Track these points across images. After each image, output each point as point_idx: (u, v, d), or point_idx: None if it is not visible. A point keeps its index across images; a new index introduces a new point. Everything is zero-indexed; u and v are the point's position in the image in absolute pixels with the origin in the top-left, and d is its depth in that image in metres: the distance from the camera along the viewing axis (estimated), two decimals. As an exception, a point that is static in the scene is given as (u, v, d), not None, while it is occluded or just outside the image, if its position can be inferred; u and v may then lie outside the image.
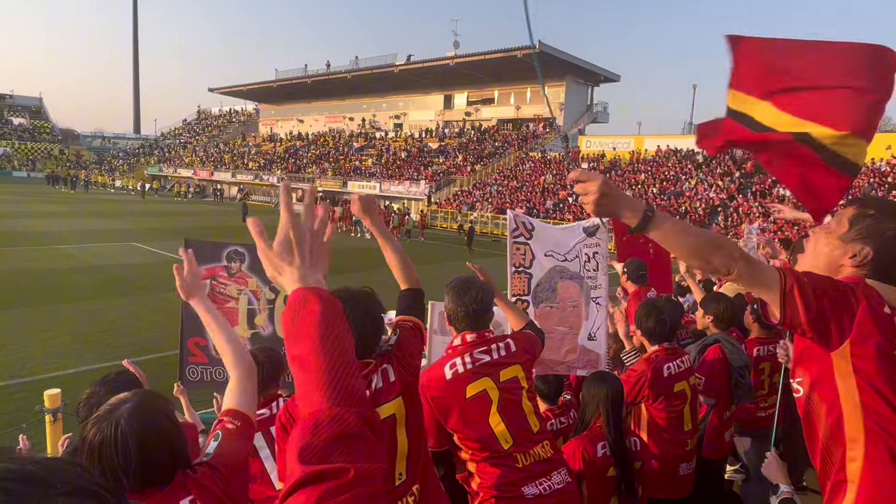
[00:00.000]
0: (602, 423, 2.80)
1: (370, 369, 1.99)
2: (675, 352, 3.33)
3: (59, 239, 21.84)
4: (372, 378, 1.97)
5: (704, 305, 3.93)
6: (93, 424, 1.44)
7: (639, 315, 3.36)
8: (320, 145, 56.92)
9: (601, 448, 2.74)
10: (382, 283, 2.50)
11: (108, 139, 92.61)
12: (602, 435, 2.78)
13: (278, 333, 4.37)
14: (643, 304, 3.44)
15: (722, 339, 3.71)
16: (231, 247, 4.42)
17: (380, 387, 1.97)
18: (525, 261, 3.67)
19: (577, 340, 3.72)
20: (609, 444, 2.75)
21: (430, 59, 47.74)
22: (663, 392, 3.20)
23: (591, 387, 2.89)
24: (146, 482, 1.45)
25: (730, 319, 3.82)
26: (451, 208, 36.72)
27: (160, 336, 9.75)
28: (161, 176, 64.40)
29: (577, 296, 3.76)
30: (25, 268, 15.93)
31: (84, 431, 1.45)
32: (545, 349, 3.64)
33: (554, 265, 3.71)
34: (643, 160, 36.13)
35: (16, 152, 74.29)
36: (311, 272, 1.09)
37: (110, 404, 1.48)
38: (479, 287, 2.50)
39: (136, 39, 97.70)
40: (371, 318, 1.99)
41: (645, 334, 3.33)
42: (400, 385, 2.02)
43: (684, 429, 3.28)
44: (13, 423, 5.95)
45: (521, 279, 3.65)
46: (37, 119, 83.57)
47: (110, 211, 35.33)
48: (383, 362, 2.05)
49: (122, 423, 1.42)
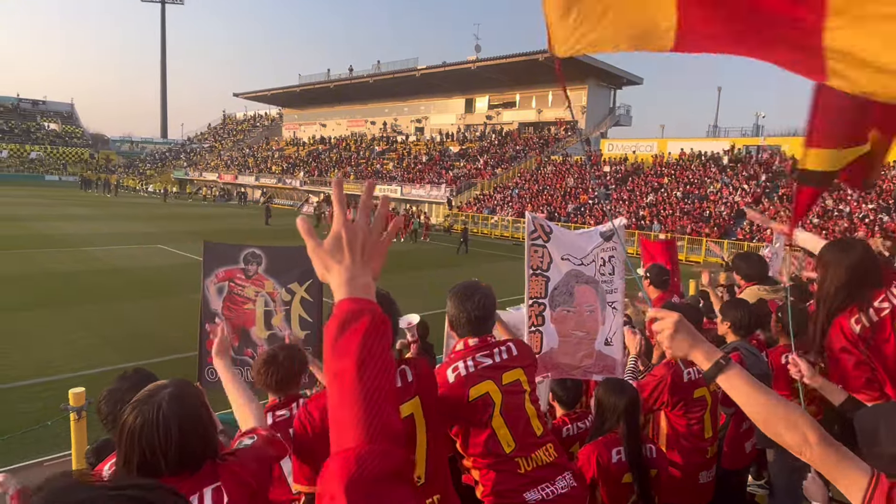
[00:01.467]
0: (620, 430, 2.76)
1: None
2: None
3: (87, 241, 22.35)
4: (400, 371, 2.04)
5: (723, 312, 3.84)
6: (132, 409, 1.48)
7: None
8: (342, 149, 57.39)
9: (616, 454, 2.70)
10: (405, 287, 2.48)
11: (136, 143, 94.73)
12: (617, 441, 2.74)
13: (294, 334, 4.39)
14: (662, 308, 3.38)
15: (741, 347, 3.60)
16: (248, 249, 4.46)
17: (398, 387, 2.01)
18: (543, 264, 3.64)
19: (594, 345, 3.67)
20: (625, 451, 2.71)
21: (451, 62, 47.87)
22: (683, 398, 3.14)
23: (609, 395, 2.83)
24: (181, 466, 1.47)
25: (748, 327, 3.72)
26: (472, 212, 36.69)
27: (183, 337, 9.89)
28: (187, 180, 65.58)
29: (594, 300, 3.71)
30: (54, 269, 16.33)
31: (122, 418, 1.49)
32: (561, 354, 3.61)
33: (570, 269, 3.67)
34: (666, 163, 35.71)
35: (48, 156, 76.35)
36: (361, 273, 1.03)
37: (149, 390, 1.53)
38: (482, 293, 2.50)
39: (164, 46, 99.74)
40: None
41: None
42: (417, 386, 2.05)
43: (704, 436, 3.21)
44: (39, 420, 6.07)
45: (539, 282, 3.63)
46: (68, 124, 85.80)
47: (137, 214, 36.05)
48: (400, 364, 2.07)
49: (164, 405, 1.47)
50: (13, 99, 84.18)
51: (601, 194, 33.90)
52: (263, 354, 2.86)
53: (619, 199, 32.80)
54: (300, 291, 4.40)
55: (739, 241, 25.15)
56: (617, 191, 34.12)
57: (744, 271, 4.89)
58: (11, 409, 7.06)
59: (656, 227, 28.43)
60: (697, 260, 24.95)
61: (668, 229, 28.01)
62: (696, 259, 25.18)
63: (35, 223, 27.52)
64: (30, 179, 68.26)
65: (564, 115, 46.08)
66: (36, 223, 27.54)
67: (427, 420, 2.05)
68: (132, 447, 1.44)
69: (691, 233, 27.08)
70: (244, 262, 4.39)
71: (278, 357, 2.77)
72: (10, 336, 9.99)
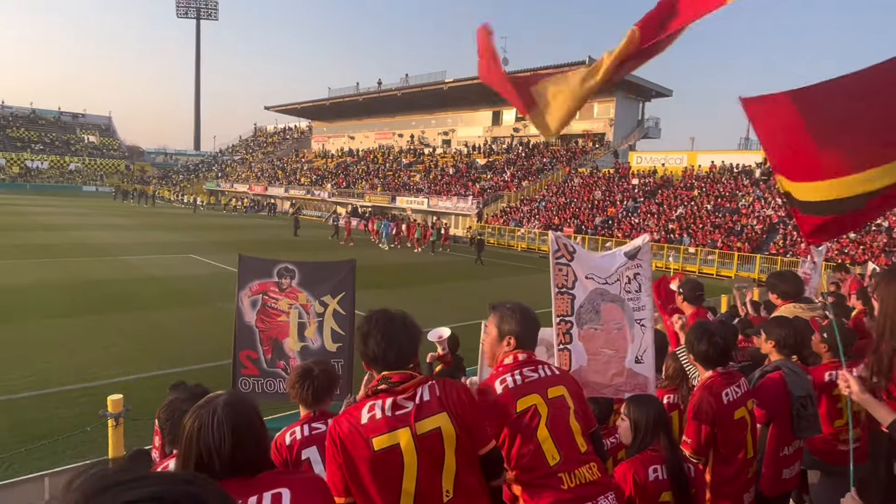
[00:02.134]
0: (659, 445, 2.72)
1: (417, 381, 2.10)
2: (731, 376, 3.19)
3: (124, 250, 22.98)
4: (419, 391, 2.09)
5: (767, 330, 3.74)
6: (192, 414, 1.61)
7: (689, 338, 3.23)
8: (370, 161, 58.02)
9: (653, 472, 2.66)
10: (426, 298, 2.51)
11: (170, 155, 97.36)
12: (654, 458, 2.69)
13: (326, 347, 4.47)
14: (694, 327, 3.31)
15: (783, 366, 3.52)
16: (282, 264, 4.57)
17: (426, 400, 2.07)
18: (568, 282, 3.65)
19: (624, 363, 3.65)
20: (667, 468, 2.67)
21: (478, 76, 48.09)
22: (724, 420, 3.07)
23: (635, 410, 2.81)
24: (236, 469, 1.56)
25: (793, 346, 3.63)
26: (499, 224, 36.67)
27: (215, 346, 10.09)
28: (219, 191, 66.98)
29: (621, 318, 3.69)
30: (93, 278, 16.82)
31: (183, 423, 1.61)
32: (591, 372, 3.60)
33: (595, 287, 3.67)
34: (696, 176, 35.22)
35: (86, 168, 78.86)
36: None
37: (207, 398, 1.66)
38: (525, 311, 2.57)
39: (199, 60, 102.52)
40: (406, 331, 2.15)
41: (697, 359, 3.20)
42: (445, 401, 2.10)
43: (747, 456, 3.15)
44: (78, 426, 6.25)
45: (565, 300, 3.64)
46: (106, 136, 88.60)
47: (171, 224, 36.91)
48: (429, 380, 2.14)
49: (219, 410, 1.59)
50: (55, 112, 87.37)
51: (629, 207, 33.57)
52: (298, 368, 2.93)
53: (648, 212, 32.43)
54: (333, 304, 4.48)
55: (772, 256, 24.61)
56: (646, 203, 33.75)
57: (780, 290, 4.82)
58: (52, 414, 7.28)
59: (686, 241, 28.02)
60: (729, 275, 24.49)
61: (699, 243, 27.57)
62: (727, 274, 24.71)
63: (74, 232, 28.41)
64: (68, 190, 70.63)
65: (592, 128, 45.85)
66: (75, 232, 28.43)
67: (457, 434, 2.07)
68: (190, 449, 1.55)
69: (722, 247, 26.60)
70: (277, 275, 4.50)
71: (313, 371, 2.83)
72: (52, 342, 10.31)
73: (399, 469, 1.98)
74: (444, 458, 2.05)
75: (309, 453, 2.65)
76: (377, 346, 2.09)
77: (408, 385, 2.08)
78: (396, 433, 1.99)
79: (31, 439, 6.39)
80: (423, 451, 2.01)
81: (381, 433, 1.99)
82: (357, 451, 1.97)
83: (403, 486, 1.98)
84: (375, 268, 21.10)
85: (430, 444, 2.02)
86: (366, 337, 2.12)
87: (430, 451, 2.02)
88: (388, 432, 1.99)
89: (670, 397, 3.96)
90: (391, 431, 1.99)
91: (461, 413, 2.11)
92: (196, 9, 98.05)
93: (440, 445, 2.04)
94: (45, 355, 9.53)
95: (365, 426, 1.99)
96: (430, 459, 2.02)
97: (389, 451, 1.98)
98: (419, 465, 2.00)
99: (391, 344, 2.10)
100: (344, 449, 1.98)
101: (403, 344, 2.13)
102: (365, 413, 2.02)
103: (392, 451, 1.98)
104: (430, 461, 2.02)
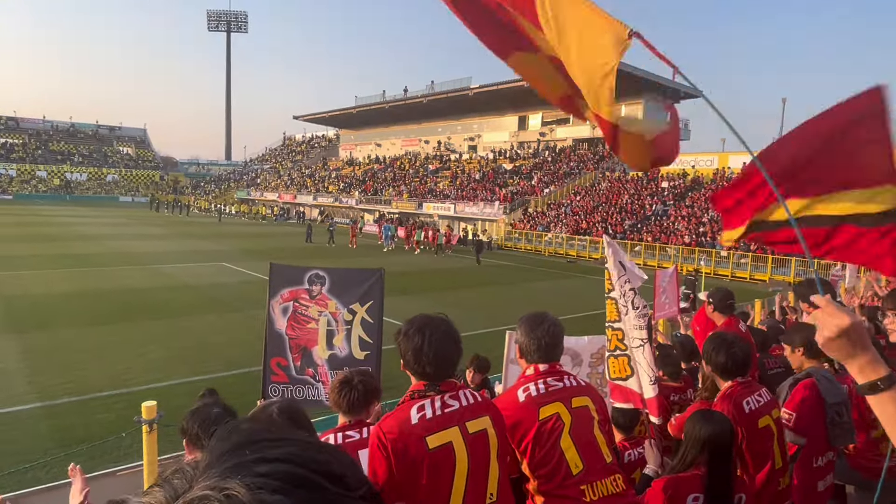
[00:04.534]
0: (702, 471, 2.51)
1: (461, 385, 2.15)
2: (751, 386, 3.12)
3: (158, 259, 23.55)
4: (462, 394, 2.12)
5: (789, 340, 3.63)
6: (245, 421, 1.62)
7: (707, 350, 3.17)
8: (397, 168, 58.39)
9: (692, 500, 2.48)
10: (459, 304, 2.51)
11: (202, 165, 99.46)
12: (697, 482, 2.51)
13: (354, 355, 4.49)
14: (711, 338, 3.24)
15: (815, 373, 3.41)
16: (312, 271, 4.61)
17: (472, 402, 2.11)
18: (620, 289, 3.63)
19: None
20: (705, 499, 2.47)
21: (504, 81, 48.04)
22: (748, 430, 2.98)
23: (691, 424, 2.64)
24: None
25: (820, 351, 3.52)
26: (526, 229, 36.50)
27: (246, 353, 10.24)
28: (249, 199, 68.20)
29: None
30: (128, 286, 17.27)
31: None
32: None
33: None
34: (728, 178, 34.52)
35: (122, 179, 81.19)
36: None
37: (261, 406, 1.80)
38: (551, 321, 2.54)
39: (229, 72, 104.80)
40: (451, 339, 2.12)
41: (716, 370, 3.14)
42: (486, 406, 2.16)
43: (775, 467, 3.04)
44: (113, 431, 6.40)
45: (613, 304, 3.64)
46: (141, 148, 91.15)
47: (203, 233, 37.68)
48: (467, 387, 2.20)
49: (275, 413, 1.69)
50: (93, 126, 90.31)
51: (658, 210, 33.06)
52: (341, 375, 2.96)
53: (679, 216, 31.91)
54: (361, 312, 4.50)
55: (806, 260, 23.95)
56: (676, 207, 33.21)
57: (809, 298, 4.67)
58: (89, 420, 7.48)
59: (718, 245, 27.46)
60: (763, 278, 23.91)
61: (732, 246, 26.99)
62: (761, 277, 24.13)
63: (110, 242, 29.22)
64: (106, 200, 72.85)
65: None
66: (111, 242, 29.24)
67: (499, 440, 2.11)
68: None
69: (756, 250, 26.00)
70: (308, 283, 4.54)
71: (353, 381, 2.84)
72: (89, 348, 10.61)
73: (451, 468, 1.97)
74: (489, 461, 2.07)
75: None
76: (429, 363, 2.06)
77: (451, 384, 2.11)
78: (448, 431, 1.99)
79: (71, 443, 6.57)
80: (473, 450, 2.02)
81: (435, 431, 1.98)
82: (412, 451, 1.94)
83: (454, 486, 1.97)
84: (414, 273, 21.21)
85: (479, 445, 2.04)
86: (417, 352, 2.06)
87: (478, 451, 2.04)
88: (442, 430, 1.99)
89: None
90: (444, 430, 1.99)
91: (500, 424, 2.15)
92: (227, 22, 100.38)
93: (487, 447, 2.07)
94: (82, 362, 9.81)
95: (417, 425, 1.98)
96: (478, 460, 2.03)
97: (443, 448, 1.97)
98: (469, 464, 2.00)
99: (442, 359, 2.08)
100: (396, 451, 1.94)
101: (454, 358, 2.12)
102: (414, 413, 2.01)
103: (445, 449, 1.97)
104: (478, 461, 2.03)
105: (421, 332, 2.07)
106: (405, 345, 2.09)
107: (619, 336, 3.54)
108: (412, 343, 2.06)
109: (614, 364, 3.52)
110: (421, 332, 2.07)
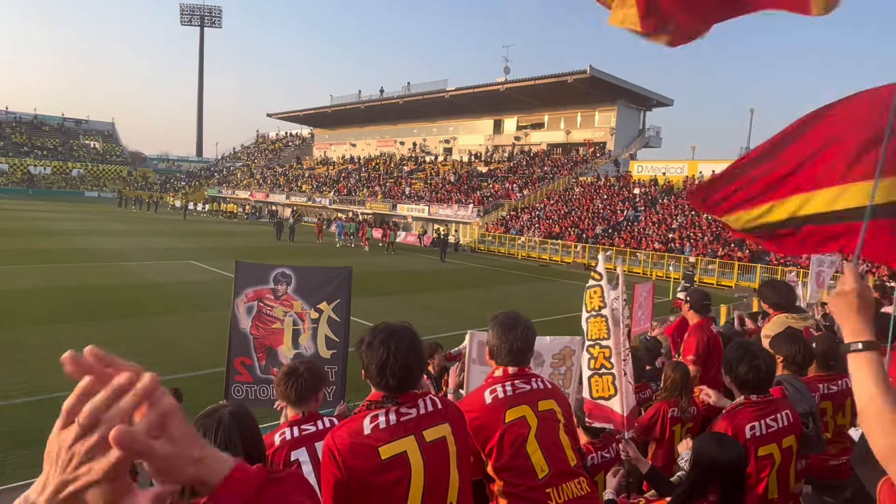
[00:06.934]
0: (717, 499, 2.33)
1: (420, 394, 2.08)
2: (769, 406, 2.87)
3: (123, 256, 22.97)
4: (420, 402, 2.05)
5: (776, 346, 3.59)
6: (195, 423, 1.63)
7: (728, 358, 2.96)
8: (371, 169, 58.12)
9: None
10: (425, 306, 2.50)
11: (172, 162, 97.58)
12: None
13: (320, 353, 4.45)
14: (735, 346, 3.03)
15: (784, 381, 3.37)
16: (278, 269, 4.55)
17: (430, 410, 2.05)
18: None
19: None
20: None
21: (480, 84, 48.29)
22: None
23: (703, 447, 2.46)
24: None
25: (801, 364, 3.49)
26: (499, 232, 36.67)
27: (210, 352, 10.04)
28: (220, 197, 67.09)
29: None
30: (91, 283, 16.80)
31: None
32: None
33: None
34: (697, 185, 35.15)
35: (88, 173, 79.13)
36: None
37: (211, 408, 1.71)
38: (524, 325, 2.50)
39: (202, 68, 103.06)
40: (415, 352, 2.05)
41: (735, 382, 2.94)
42: (446, 413, 2.09)
43: (767, 496, 2.80)
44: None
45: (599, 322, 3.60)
46: (109, 143, 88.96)
47: (172, 230, 36.93)
48: (428, 394, 2.14)
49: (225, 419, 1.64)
50: (58, 118, 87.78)
51: (630, 216, 33.56)
52: (285, 367, 2.92)
53: (650, 221, 32.43)
54: (328, 310, 4.46)
55: (772, 266, 24.56)
56: (646, 213, 33.75)
57: (771, 300, 4.71)
58: (47, 422, 7.23)
59: (688, 250, 27.99)
60: (729, 284, 24.45)
61: (699, 252, 27.53)
62: (727, 283, 24.67)
63: (74, 238, 28.42)
64: (71, 195, 70.82)
65: (593, 137, 45.96)
66: (76, 238, 28.44)
67: (458, 447, 2.07)
68: None
69: (723, 257, 26.57)
70: (274, 282, 4.48)
71: (298, 370, 2.81)
72: (50, 348, 10.26)
73: (406, 479, 1.92)
74: (449, 470, 2.02)
75: (298, 455, 2.62)
76: (392, 376, 1.97)
77: (410, 396, 2.04)
78: (403, 441, 1.94)
79: (26, 445, 6.36)
80: (430, 460, 1.97)
81: (388, 441, 1.92)
82: (362, 462, 1.89)
83: (410, 496, 1.92)
84: (372, 274, 21.11)
85: (436, 454, 1.99)
86: (381, 366, 1.97)
87: (435, 460, 1.98)
88: (396, 440, 1.93)
89: (674, 411, 3.91)
90: (398, 439, 1.94)
91: (460, 430, 2.11)
92: (200, 17, 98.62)
93: (445, 455, 2.02)
94: (41, 361, 9.50)
95: (369, 436, 1.92)
96: (436, 469, 1.98)
97: (397, 459, 1.91)
98: (426, 474, 1.95)
99: (406, 372, 2.00)
100: (346, 463, 1.88)
101: (417, 372, 2.06)
102: (367, 423, 1.94)
103: (399, 460, 1.92)
104: (435, 470, 1.98)
105: (385, 345, 1.98)
106: (368, 356, 2.01)
107: (605, 354, 3.38)
108: (376, 355, 1.98)
109: (597, 382, 3.38)
110: (385, 345, 1.98)
